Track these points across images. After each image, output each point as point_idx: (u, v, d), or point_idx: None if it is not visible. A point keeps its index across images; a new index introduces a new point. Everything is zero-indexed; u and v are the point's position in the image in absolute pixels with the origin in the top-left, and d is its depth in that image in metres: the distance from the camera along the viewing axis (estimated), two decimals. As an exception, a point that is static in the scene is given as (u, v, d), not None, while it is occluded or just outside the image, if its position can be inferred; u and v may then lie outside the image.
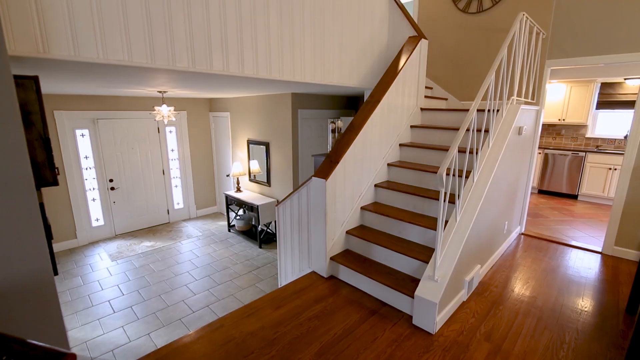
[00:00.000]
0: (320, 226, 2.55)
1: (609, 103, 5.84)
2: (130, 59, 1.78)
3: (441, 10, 4.19)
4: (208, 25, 2.03)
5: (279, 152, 4.76)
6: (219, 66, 2.11)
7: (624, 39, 3.10)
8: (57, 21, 1.55)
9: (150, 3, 1.79)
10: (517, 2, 3.58)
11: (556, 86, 6.12)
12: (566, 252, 3.34)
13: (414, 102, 3.35)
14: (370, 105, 2.79)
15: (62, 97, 4.56)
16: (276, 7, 2.35)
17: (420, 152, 3.10)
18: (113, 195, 5.23)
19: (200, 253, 4.77)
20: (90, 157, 4.95)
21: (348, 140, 2.60)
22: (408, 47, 3.16)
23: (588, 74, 5.42)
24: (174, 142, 5.85)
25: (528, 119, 3.23)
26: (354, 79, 3.16)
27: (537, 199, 5.81)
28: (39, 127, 1.50)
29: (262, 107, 4.89)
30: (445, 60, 4.23)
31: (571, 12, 3.32)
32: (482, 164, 2.50)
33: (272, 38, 2.37)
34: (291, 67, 2.53)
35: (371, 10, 3.20)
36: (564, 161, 5.86)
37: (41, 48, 1.55)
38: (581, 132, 6.17)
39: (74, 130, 4.75)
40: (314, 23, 2.65)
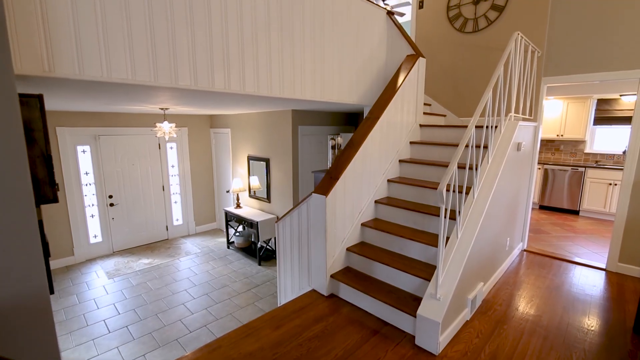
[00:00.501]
0: (321, 243, 2.53)
1: (606, 119, 5.91)
2: (133, 77, 1.81)
3: (438, 29, 4.30)
4: (210, 45, 2.07)
5: (279, 168, 4.78)
6: (220, 84, 2.15)
7: (617, 57, 3.17)
8: (64, 41, 1.59)
9: (155, 23, 1.84)
10: (511, 22, 3.68)
11: (553, 102, 6.21)
12: (570, 269, 3.30)
13: (413, 119, 3.39)
14: (370, 122, 2.82)
15: (65, 114, 4.62)
16: (277, 26, 2.41)
17: (420, 168, 3.11)
18: (112, 211, 5.21)
19: (198, 270, 4.71)
20: (91, 173, 4.96)
21: (348, 157, 2.62)
22: (406, 65, 3.23)
23: (584, 91, 5.50)
24: (175, 158, 5.88)
25: (526, 135, 3.26)
26: (353, 96, 3.21)
27: (538, 215, 5.78)
28: (41, 145, 1.51)
29: (263, 124, 4.95)
30: (443, 77, 4.31)
31: (564, 32, 3.41)
32: (482, 180, 2.50)
33: (273, 56, 2.42)
34: (291, 84, 2.58)
35: (370, 30, 3.28)
36: (563, 176, 5.87)
37: (47, 67, 1.58)
38: (580, 148, 6.21)
39: (75, 147, 4.78)
40: (314, 42, 2.71)
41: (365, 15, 3.20)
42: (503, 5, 3.70)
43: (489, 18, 3.83)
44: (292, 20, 2.52)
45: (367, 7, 3.20)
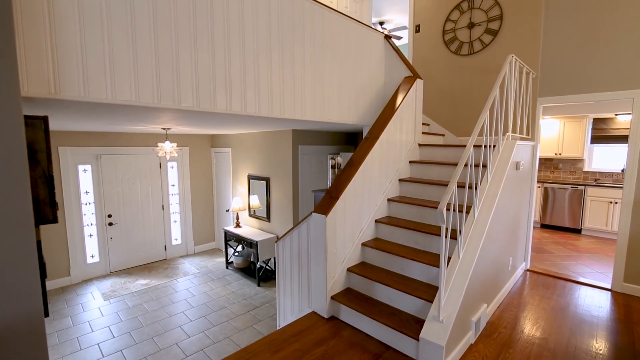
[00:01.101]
0: (321, 263, 2.50)
1: (602, 138, 5.97)
2: (137, 99, 1.85)
3: (435, 52, 4.43)
4: (213, 68, 2.13)
5: (279, 187, 4.78)
6: (222, 105, 2.19)
7: (610, 78, 3.24)
8: (71, 64, 1.63)
9: (160, 47, 1.89)
10: (505, 45, 3.79)
11: (550, 122, 6.30)
12: (575, 290, 3.24)
13: (412, 138, 3.42)
14: (370, 142, 2.85)
15: (67, 134, 4.67)
16: (278, 49, 2.49)
17: (419, 187, 3.12)
18: (111, 231, 5.17)
19: (196, 292, 4.62)
20: (91, 193, 4.96)
21: (348, 176, 2.63)
22: (404, 86, 3.30)
23: (579, 110, 5.59)
24: (175, 178, 5.90)
25: (525, 154, 3.28)
26: (352, 116, 3.26)
27: (540, 234, 5.73)
28: (43, 165, 1.53)
29: (263, 143, 4.99)
30: (441, 98, 4.40)
31: (557, 54, 3.51)
32: (482, 199, 2.50)
33: (274, 78, 2.48)
34: (292, 105, 2.62)
35: (368, 53, 3.38)
36: (564, 195, 5.87)
37: (53, 89, 1.61)
38: (578, 166, 6.24)
39: (77, 166, 4.81)
40: (314, 64, 2.78)
41: (363, 38, 3.30)
42: (497, 29, 3.83)
43: (483, 41, 3.95)
44: (293, 44, 2.60)
45: (365, 31, 3.31)
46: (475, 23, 4.00)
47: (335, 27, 2.96)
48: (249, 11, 2.29)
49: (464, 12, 4.09)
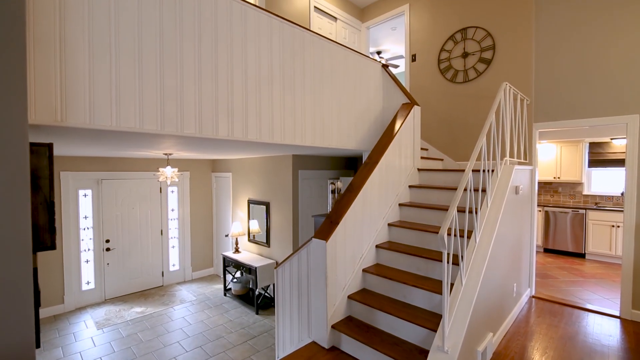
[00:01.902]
0: (321, 290, 2.45)
1: (600, 161, 6.03)
2: (141, 126, 1.89)
3: (431, 80, 4.57)
4: (216, 95, 2.19)
5: (279, 212, 4.77)
6: (224, 132, 2.23)
7: (603, 104, 3.33)
8: (78, 92, 1.68)
9: (165, 76, 1.96)
10: (499, 73, 3.92)
11: (547, 146, 6.38)
12: (582, 317, 3.15)
13: (411, 163, 3.46)
14: (369, 167, 2.88)
15: (70, 159, 4.72)
16: (279, 78, 2.57)
17: (420, 212, 3.11)
18: (108, 256, 5.09)
19: (192, 320, 4.48)
20: (90, 217, 4.94)
21: (348, 201, 2.63)
22: (402, 112, 3.38)
23: (575, 135, 5.69)
24: (175, 202, 5.89)
25: (523, 179, 3.31)
26: (352, 141, 3.31)
27: (543, 258, 5.65)
28: (45, 191, 1.53)
29: (264, 168, 5.03)
30: (438, 123, 4.48)
31: (549, 81, 3.62)
32: (483, 223, 2.49)
33: (275, 105, 2.54)
34: (292, 131, 2.67)
35: (367, 81, 3.49)
36: (565, 219, 5.84)
37: (59, 117, 1.65)
38: (578, 190, 6.25)
39: (77, 191, 4.82)
40: (313, 91, 2.86)
41: (362, 67, 3.42)
42: (490, 58, 3.97)
43: (477, 70, 4.08)
44: (294, 72, 2.69)
45: (363, 60, 3.43)
46: (469, 53, 4.16)
47: (334, 57, 3.07)
48: (252, 42, 2.38)
49: (458, 43, 4.26)
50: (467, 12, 4.18)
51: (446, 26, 4.40)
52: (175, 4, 1.99)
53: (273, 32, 2.52)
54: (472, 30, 4.12)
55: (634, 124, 3.19)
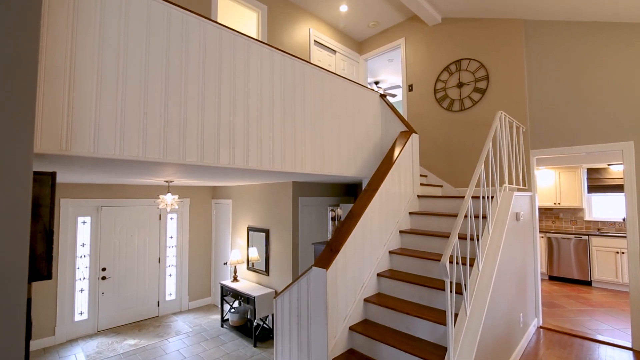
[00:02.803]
0: (321, 322, 2.37)
1: (599, 187, 6.05)
2: (144, 154, 1.92)
3: (428, 108, 4.69)
4: (218, 124, 2.24)
5: (278, 239, 4.72)
6: (225, 160, 2.26)
7: (598, 131, 3.39)
8: (84, 122, 1.72)
9: (169, 106, 2.02)
10: (494, 102, 4.03)
11: (545, 172, 6.43)
12: (593, 349, 3.03)
13: (411, 190, 3.47)
14: (369, 193, 2.89)
15: (71, 186, 4.74)
16: (280, 108, 2.64)
17: (421, 239, 3.08)
18: (103, 285, 4.98)
19: (187, 353, 4.30)
20: (87, 245, 4.88)
21: (348, 228, 2.62)
22: (400, 140, 3.44)
23: (572, 161, 5.75)
24: (174, 229, 5.84)
25: (523, 205, 3.30)
26: (351, 169, 3.35)
27: (549, 286, 5.52)
28: (45, 220, 1.53)
29: (264, 195, 5.04)
30: (437, 150, 4.55)
31: (543, 109, 3.72)
32: (485, 251, 2.46)
33: (275, 134, 2.59)
34: (292, 159, 2.71)
35: (365, 110, 3.58)
36: (568, 245, 5.76)
37: (64, 146, 1.67)
38: (579, 215, 6.22)
39: (76, 218, 4.79)
40: (313, 120, 2.93)
41: (360, 97, 3.52)
42: (484, 88, 4.10)
43: (473, 99, 4.20)
44: (294, 102, 2.77)
45: (361, 91, 3.55)
46: (463, 83, 4.30)
47: (333, 88, 3.18)
48: (254, 74, 2.48)
49: (453, 74, 4.42)
50: (460, 45, 4.37)
51: (441, 58, 4.58)
52: (181, 37, 2.09)
53: (274, 64, 2.63)
54: (466, 62, 4.28)
55: (629, 150, 3.23)
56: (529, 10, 3.73)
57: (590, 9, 3.37)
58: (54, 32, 1.63)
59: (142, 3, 1.93)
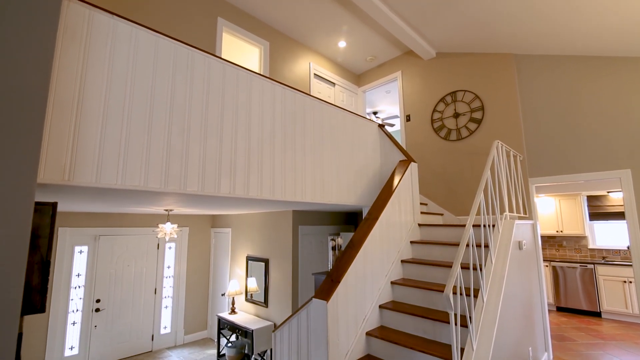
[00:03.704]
0: (322, 358, 2.27)
1: (600, 214, 6.02)
2: (145, 184, 1.93)
3: (426, 138, 4.78)
4: (220, 154, 2.28)
5: (278, 269, 4.63)
6: (226, 189, 2.28)
7: (594, 159, 3.44)
8: (88, 152, 1.74)
9: (172, 136, 2.06)
10: (491, 131, 4.11)
11: (545, 199, 6.42)
12: (608, 387, 2.88)
13: (411, 218, 3.46)
14: (369, 222, 2.88)
15: (69, 214, 4.72)
16: (281, 138, 2.70)
17: (423, 268, 3.03)
18: (96, 318, 4.81)
19: (181, 392, 4.07)
20: (83, 275, 4.77)
21: (349, 258, 2.58)
22: (399, 169, 3.47)
23: (571, 189, 5.77)
24: (172, 259, 5.74)
25: (525, 233, 3.28)
26: (351, 197, 3.36)
27: (557, 318, 5.33)
28: (43, 251, 1.52)
29: (264, 224, 5.01)
30: (436, 178, 4.58)
31: (539, 138, 3.79)
32: (489, 281, 2.41)
33: (276, 164, 2.63)
34: (293, 188, 2.73)
35: (364, 139, 3.65)
36: (574, 274, 5.64)
37: (67, 176, 1.69)
38: (583, 243, 6.14)
39: (74, 247, 4.73)
40: (314, 150, 2.98)
41: (359, 127, 3.61)
42: (480, 118, 4.21)
43: (469, 129, 4.30)
44: (295, 133, 2.83)
45: (360, 121, 3.64)
46: (459, 113, 4.42)
47: (333, 118, 3.26)
48: (256, 106, 2.55)
49: (449, 104, 4.55)
50: (455, 78, 4.54)
51: (437, 90, 4.74)
52: (187, 72, 2.18)
53: (276, 97, 2.72)
54: (461, 94, 4.43)
55: (627, 178, 3.26)
56: (518, 45, 3.91)
57: (576, 45, 3.54)
58: (65, 67, 1.70)
59: (150, 40, 2.03)
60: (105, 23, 1.85)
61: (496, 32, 3.81)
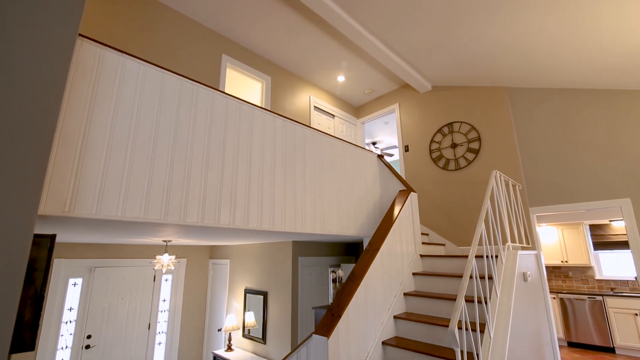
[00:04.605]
0: (323, 399, 2.15)
1: (604, 244, 5.93)
2: (145, 216, 1.93)
3: (424, 168, 4.83)
4: (220, 185, 2.29)
5: (277, 303, 4.49)
6: (225, 221, 2.27)
7: (593, 188, 3.45)
8: (89, 185, 1.74)
9: (174, 168, 2.08)
10: (488, 161, 4.17)
11: (548, 229, 6.36)
12: None
13: (413, 249, 3.41)
14: (370, 253, 2.84)
15: (65, 245, 4.65)
16: (281, 169, 2.73)
17: (426, 302, 2.94)
18: (86, 355, 4.59)
19: None
20: (75, 310, 4.61)
21: (350, 291, 2.51)
22: (399, 199, 3.48)
23: (573, 218, 5.73)
24: (168, 292, 5.58)
25: (530, 264, 3.22)
26: (352, 228, 3.33)
27: (569, 354, 5.09)
28: (37, 285, 1.48)
29: (263, 255, 4.93)
30: (436, 208, 4.57)
31: (537, 168, 3.82)
32: (495, 315, 2.33)
33: (276, 195, 2.64)
34: (293, 219, 2.72)
35: (364, 170, 3.69)
36: (583, 307, 5.46)
37: (67, 208, 1.68)
38: (589, 274, 6.00)
39: (68, 279, 4.61)
40: (314, 181, 3.00)
41: (358, 158, 3.66)
42: (477, 148, 4.28)
43: (467, 159, 4.35)
44: (295, 164, 2.86)
45: (360, 152, 3.69)
46: (457, 144, 4.50)
47: (333, 149, 3.32)
48: (257, 138, 2.61)
49: (446, 135, 4.65)
50: (451, 109, 4.67)
51: (434, 121, 4.86)
52: (191, 105, 2.24)
53: (277, 129, 2.78)
54: (458, 125, 4.53)
55: (627, 207, 3.26)
56: (510, 80, 4.07)
57: (566, 79, 3.69)
58: (74, 101, 1.75)
59: (157, 75, 2.11)
60: (114, 60, 1.94)
61: (487, 68, 3.98)
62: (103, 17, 3.32)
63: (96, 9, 3.28)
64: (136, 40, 3.53)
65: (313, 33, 4.22)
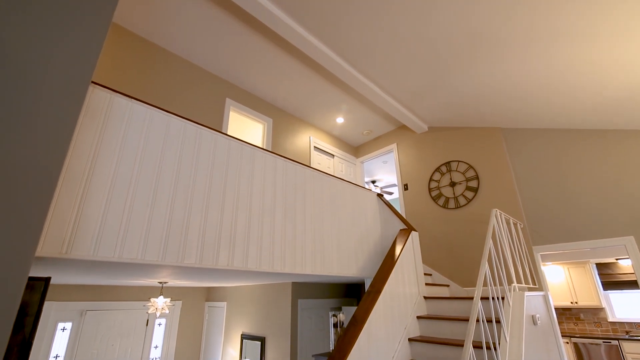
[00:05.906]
0: None
1: (613, 283, 5.75)
2: (143, 257, 1.89)
3: (424, 206, 4.83)
4: (220, 226, 2.28)
5: (275, 349, 4.25)
6: (224, 262, 2.23)
7: (595, 226, 3.43)
8: (89, 227, 1.73)
9: (175, 209, 2.08)
10: (488, 199, 4.18)
11: (554, 268, 6.21)
12: None
13: (416, 291, 3.30)
14: (372, 296, 2.74)
15: (56, 287, 4.49)
16: (281, 209, 2.73)
17: (433, 348, 2.78)
18: (68, 411, 4.24)
19: None
20: (61, 357, 4.34)
21: (351, 337, 2.39)
22: (400, 238, 3.44)
23: (578, 257, 5.62)
24: (160, 337, 5.30)
25: (538, 306, 3.10)
26: (352, 269, 3.26)
27: (590, 408, 4.71)
28: (27, 330, 1.42)
29: (261, 297, 4.75)
30: (438, 247, 4.49)
31: (537, 207, 3.83)
32: (506, 363, 2.20)
33: (276, 235, 2.62)
34: (293, 260, 2.67)
35: (364, 209, 3.69)
36: (599, 352, 5.15)
37: (64, 249, 1.65)
38: (602, 316, 5.74)
39: (57, 324, 4.40)
40: (314, 221, 2.99)
41: (358, 197, 3.68)
42: (476, 187, 4.31)
43: (467, 197, 4.37)
44: (295, 204, 2.87)
45: (359, 191, 3.72)
46: (455, 182, 4.55)
47: (332, 189, 3.35)
48: (258, 179, 2.65)
49: (444, 174, 4.71)
50: (449, 149, 4.78)
51: (432, 160, 4.95)
52: (194, 147, 2.30)
53: (277, 169, 2.83)
54: (455, 164, 4.61)
55: (631, 245, 3.21)
56: (503, 121, 4.22)
57: (556, 120, 3.82)
58: (80, 143, 1.80)
59: (162, 119, 2.20)
60: (123, 105, 2.03)
61: (479, 111, 4.15)
62: (112, 61, 3.52)
63: (106, 53, 3.49)
64: (143, 83, 3.71)
65: (314, 79, 4.45)
